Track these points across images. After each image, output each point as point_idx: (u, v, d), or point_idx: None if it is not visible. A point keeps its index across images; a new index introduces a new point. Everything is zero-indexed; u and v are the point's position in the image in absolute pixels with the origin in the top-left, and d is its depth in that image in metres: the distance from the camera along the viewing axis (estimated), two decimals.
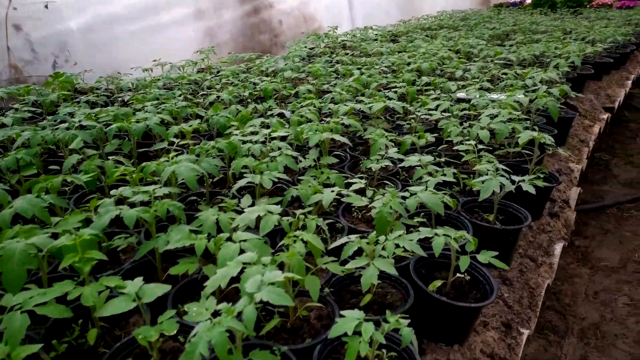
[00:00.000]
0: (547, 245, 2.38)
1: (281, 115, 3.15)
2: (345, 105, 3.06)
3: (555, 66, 4.32)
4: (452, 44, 5.72)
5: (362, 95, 3.57)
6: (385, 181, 2.47)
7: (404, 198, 1.84)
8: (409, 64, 4.54)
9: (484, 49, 5.11)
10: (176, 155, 2.07)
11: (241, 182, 1.90)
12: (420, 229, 1.68)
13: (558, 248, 2.35)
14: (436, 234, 1.64)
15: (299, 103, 3.33)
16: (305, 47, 5.84)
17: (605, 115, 4.50)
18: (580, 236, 4.99)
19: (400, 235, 1.55)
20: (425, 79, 3.93)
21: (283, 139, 2.63)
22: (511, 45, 5.93)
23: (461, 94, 3.81)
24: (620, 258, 4.56)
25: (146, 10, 6.58)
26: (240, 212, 1.67)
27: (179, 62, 5.21)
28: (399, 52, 5.64)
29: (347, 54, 5.68)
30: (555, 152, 3.54)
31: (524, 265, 2.18)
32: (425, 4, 13.96)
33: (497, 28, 7.42)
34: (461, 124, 3.19)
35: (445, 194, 1.90)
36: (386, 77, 4.17)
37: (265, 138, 2.41)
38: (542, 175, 2.58)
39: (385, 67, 4.47)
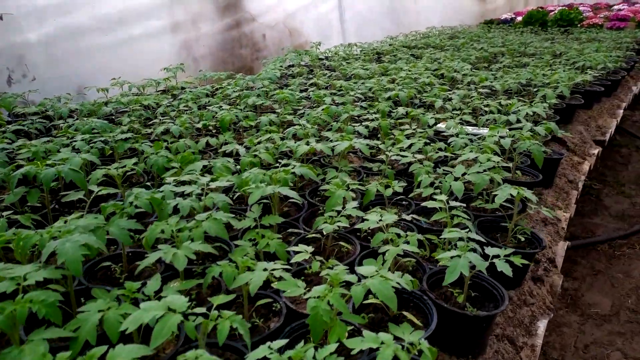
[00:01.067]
0: (530, 321, 2.03)
1: (236, 153, 2.79)
2: (306, 143, 2.71)
3: (542, 97, 4.02)
4: (436, 66, 5.41)
5: (333, 126, 3.23)
6: (341, 242, 2.11)
7: (350, 284, 1.48)
8: (387, 90, 4.21)
9: (468, 75, 4.80)
10: (80, 216, 1.69)
11: (145, 262, 1.53)
12: (365, 334, 1.31)
13: (542, 326, 2.00)
14: (383, 343, 1.28)
15: (258, 137, 2.97)
16: (281, 66, 5.50)
17: (596, 150, 4.20)
18: (570, 277, 4.66)
19: (331, 354, 1.19)
20: (401, 110, 3.60)
21: (227, 190, 2.27)
22: (498, 69, 5.64)
23: (441, 126, 3.48)
24: (612, 304, 4.23)
25: (116, 22, 6.21)
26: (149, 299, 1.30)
27: (142, 80, 4.83)
28: (381, 74, 5.33)
29: (324, 74, 5.35)
30: (541, 194, 3.22)
31: (501, 352, 1.82)
32: (421, 16, 13.77)
33: (484, 49, 7.15)
34: (437, 165, 2.87)
35: (408, 262, 1.54)
36: (360, 106, 3.83)
37: (202, 189, 2.04)
38: (523, 239, 2.24)
39: (361, 93, 4.14)
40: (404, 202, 2.61)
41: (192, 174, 2.21)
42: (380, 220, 1.96)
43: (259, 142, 2.87)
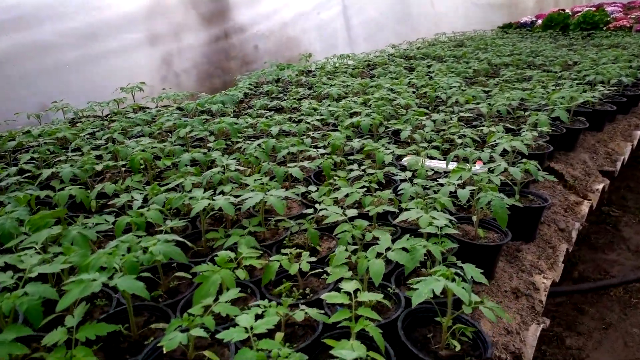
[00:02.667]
0: None
1: (129, 207, 2.29)
2: (220, 192, 2.20)
3: (533, 124, 3.38)
4: (424, 82, 4.80)
5: (263, 167, 2.69)
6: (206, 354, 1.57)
7: None
8: (351, 115, 3.66)
9: (455, 94, 4.18)
10: None
11: None
12: None
13: None
14: None
15: (168, 183, 2.47)
16: (250, 85, 5.00)
17: (601, 185, 3.52)
18: (574, 331, 3.97)
19: None
20: (357, 144, 3.04)
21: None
22: (496, 84, 4.99)
23: (405, 160, 2.90)
24: None
25: (85, 37, 5.86)
26: None
27: (91, 104, 4.43)
28: (358, 92, 4.76)
29: (298, 92, 4.82)
30: (519, 251, 2.60)
31: None
32: (441, 21, 13.06)
33: (488, 60, 6.48)
34: (382, 222, 2.30)
35: None
36: (313, 136, 3.29)
37: (21, 278, 1.55)
38: (464, 340, 1.65)
39: (319, 119, 3.59)
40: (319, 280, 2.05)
41: (31, 247, 1.72)
42: (252, 328, 1.42)
43: (165, 191, 2.37)
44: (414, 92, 4.44)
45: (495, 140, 2.86)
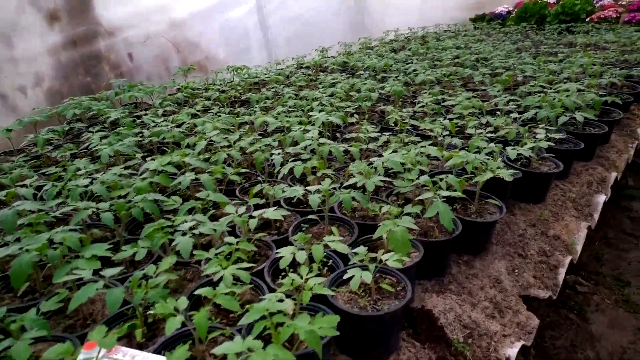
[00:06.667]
0: None
1: None
2: None
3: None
4: (290, 121, 3.13)
5: None
6: None
7: None
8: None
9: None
10: None
11: None
12: None
13: None
14: None
15: None
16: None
17: (513, 350, 1.88)
18: None
19: None
20: None
21: None
22: (393, 130, 3.31)
23: None
24: None
25: None
26: None
27: None
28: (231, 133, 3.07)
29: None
30: None
31: None
32: (392, 16, 11.25)
33: (412, 75, 4.77)
34: None
35: None
36: None
37: None
38: None
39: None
40: None
41: None
42: None
43: None
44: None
45: None
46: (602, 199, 2.92)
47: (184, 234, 1.73)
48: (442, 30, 10.63)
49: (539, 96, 3.49)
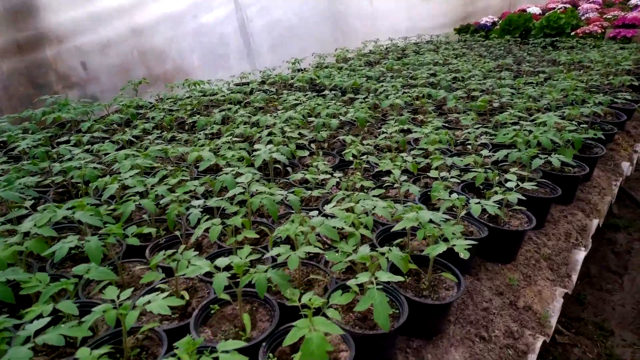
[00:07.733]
0: None
1: None
2: None
3: None
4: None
5: None
6: None
7: None
8: None
9: None
10: None
11: None
12: None
13: None
14: None
15: None
16: None
17: None
18: None
19: None
20: None
21: None
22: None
23: None
24: None
25: None
26: None
27: None
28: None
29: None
30: None
31: None
32: (380, 22, 10.92)
33: (388, 92, 4.37)
34: None
35: None
36: None
37: None
38: None
39: None
40: None
41: None
42: None
43: None
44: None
45: None
46: (581, 256, 2.55)
47: (27, 340, 1.29)
48: (424, 41, 10.28)
49: (514, 130, 3.11)
